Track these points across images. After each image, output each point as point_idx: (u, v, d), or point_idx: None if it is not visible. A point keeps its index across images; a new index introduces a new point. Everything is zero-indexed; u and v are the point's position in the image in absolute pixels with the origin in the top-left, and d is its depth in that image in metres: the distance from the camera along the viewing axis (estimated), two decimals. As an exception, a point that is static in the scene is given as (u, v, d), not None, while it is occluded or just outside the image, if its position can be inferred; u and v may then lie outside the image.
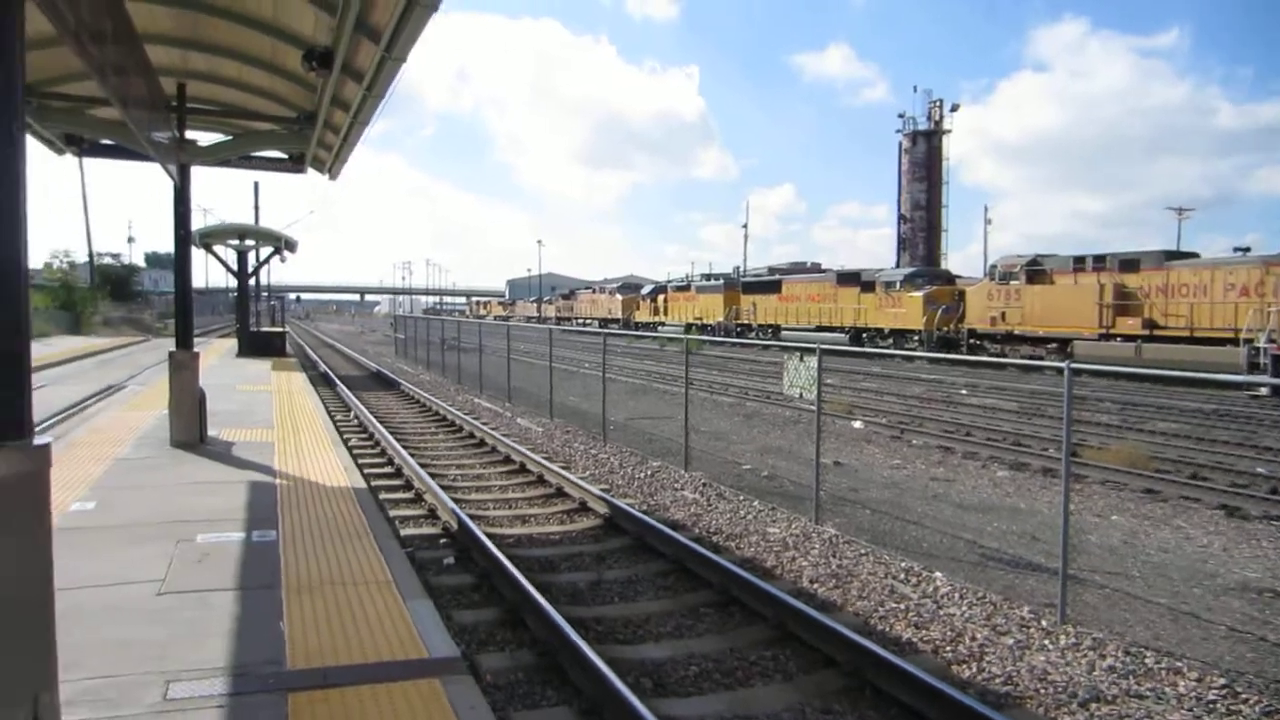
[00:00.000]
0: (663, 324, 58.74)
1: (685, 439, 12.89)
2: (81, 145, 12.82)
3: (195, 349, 12.12)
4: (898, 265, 62.94)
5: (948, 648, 6.37)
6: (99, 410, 16.03)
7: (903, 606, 7.18)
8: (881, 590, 7.56)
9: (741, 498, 10.88)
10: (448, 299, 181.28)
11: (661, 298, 60.99)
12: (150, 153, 9.84)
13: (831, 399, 20.13)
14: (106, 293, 63.77)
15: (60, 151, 13.03)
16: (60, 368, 26.23)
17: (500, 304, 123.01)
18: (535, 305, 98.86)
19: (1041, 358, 30.51)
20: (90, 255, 66.16)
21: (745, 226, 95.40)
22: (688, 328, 52.97)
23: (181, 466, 10.16)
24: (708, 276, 67.32)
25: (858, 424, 17.55)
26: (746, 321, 49.90)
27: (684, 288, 60.60)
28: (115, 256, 77.03)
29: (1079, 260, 31.11)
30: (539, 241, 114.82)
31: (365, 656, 4.93)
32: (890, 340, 38.68)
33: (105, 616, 5.37)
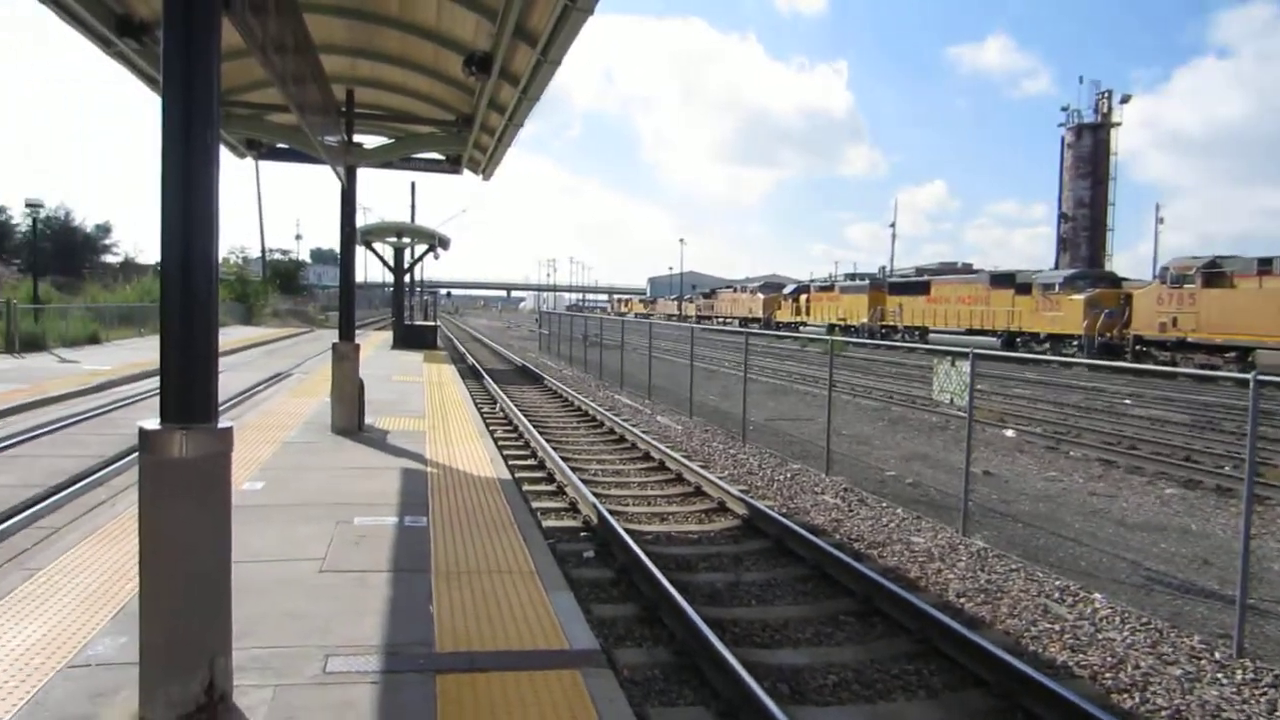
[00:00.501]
0: (804, 324, 57.98)
1: (827, 442, 12.70)
2: (260, 149, 13.74)
3: (355, 341, 12.80)
4: (1057, 266, 60.04)
5: (1107, 674, 6.05)
6: (268, 396, 17.11)
7: (1057, 627, 6.86)
8: (1034, 609, 7.26)
9: (884, 505, 10.64)
10: (590, 296, 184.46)
11: (804, 297, 60.22)
12: (322, 155, 10.43)
13: (981, 405, 19.43)
14: (276, 286, 67.95)
15: (242, 155, 13.99)
16: (234, 356, 28.12)
17: (641, 302, 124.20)
18: (676, 303, 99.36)
19: (1217, 367, 28.52)
20: (263, 252, 70.86)
21: (893, 225, 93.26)
22: (830, 328, 52.11)
23: (341, 452, 10.73)
24: (852, 276, 66.04)
25: (1010, 432, 16.87)
26: (892, 323, 48.68)
27: (827, 287, 59.63)
28: (285, 253, 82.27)
29: (1265, 262, 28.85)
30: (681, 240, 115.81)
31: (509, 644, 5.09)
32: (1046, 345, 36.99)
33: (273, 590, 5.74)
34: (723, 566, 8.24)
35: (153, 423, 3.73)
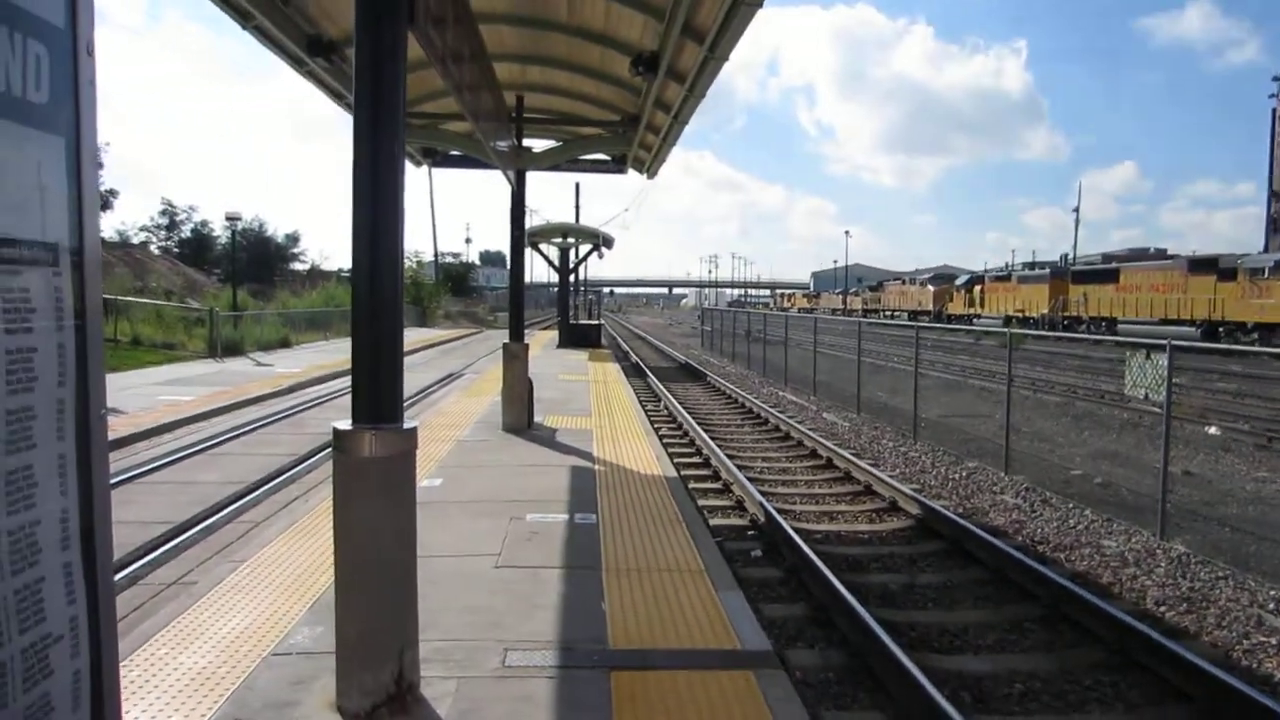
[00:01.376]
0: (978, 316, 55.72)
1: (1005, 439, 12.18)
2: (434, 157, 14.37)
3: (524, 341, 13.21)
4: (1266, 249, 55.28)
5: (1333, 695, 5.53)
6: (442, 396, 17.88)
7: (1274, 641, 6.33)
8: (1246, 620, 6.71)
9: (1070, 505, 10.11)
10: (752, 292, 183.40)
11: (978, 289, 57.87)
12: (493, 161, 10.81)
13: (1180, 400, 18.15)
14: (448, 288, 71.05)
15: (419, 164, 14.68)
16: (411, 357, 29.58)
17: (805, 296, 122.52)
18: (840, 298, 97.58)
19: None
20: (435, 255, 74.15)
21: (1076, 210, 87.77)
22: (1007, 320, 49.85)
23: (512, 449, 11.09)
24: (1030, 265, 62.97)
25: (1213, 429, 15.66)
26: (1075, 314, 46.09)
27: (1003, 277, 57.08)
28: (455, 256, 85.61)
29: None
30: (846, 232, 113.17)
31: (681, 642, 5.12)
32: (1255, 336, 34.13)
33: (454, 584, 5.99)
34: (896, 568, 8.03)
35: (344, 423, 3.95)
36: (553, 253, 31.41)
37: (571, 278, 36.93)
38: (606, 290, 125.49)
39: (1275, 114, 63.47)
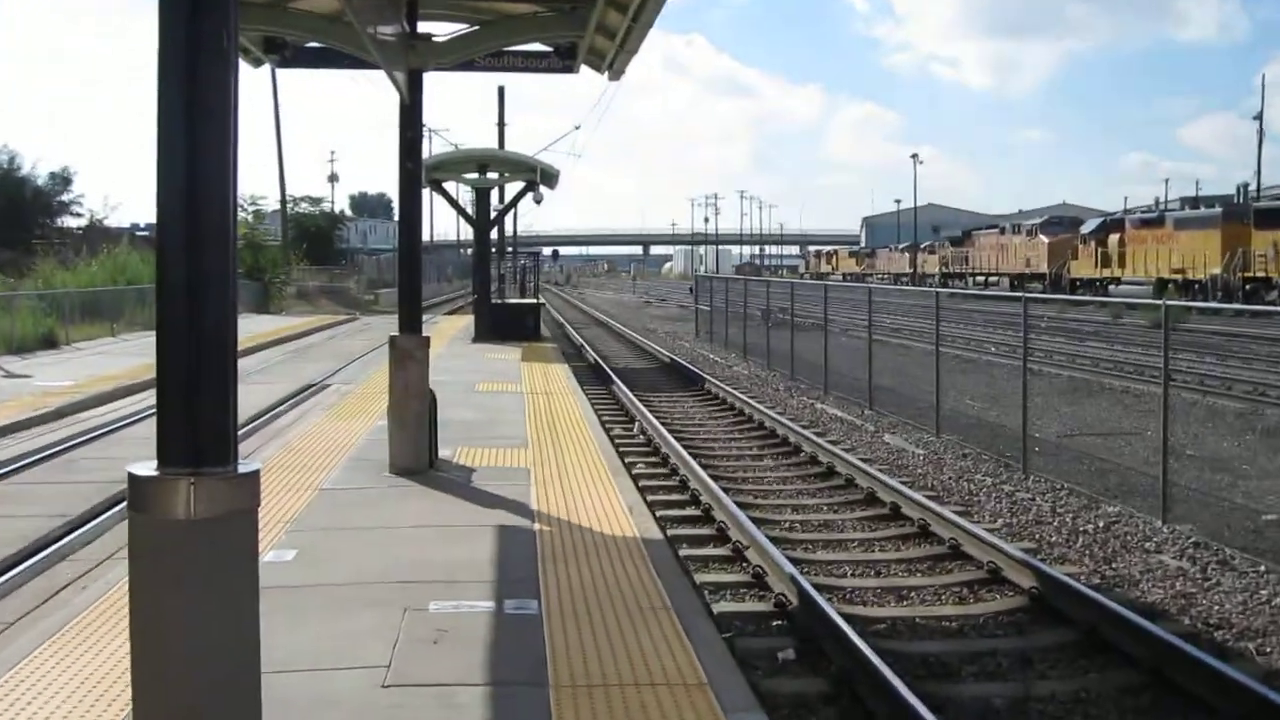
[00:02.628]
0: (1116, 280, 56.23)
1: (1163, 469, 12.28)
2: (282, 52, 14.27)
3: (425, 332, 13.19)
4: None
5: None
6: (294, 421, 17.82)
7: None
8: None
9: (1263, 569, 10.21)
10: (773, 249, 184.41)
11: (1114, 238, 58.38)
12: (373, 56, 10.76)
13: None
14: (302, 252, 70.50)
15: (258, 62, 14.59)
16: (247, 360, 29.41)
17: (852, 255, 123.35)
18: (908, 255, 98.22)
19: None
20: (283, 203, 73.00)
21: (1259, 118, 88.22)
22: (1160, 285, 50.34)
23: (406, 502, 11.04)
24: (1192, 201, 63.57)
25: None
26: (1264, 274, 46.61)
27: (1152, 220, 57.66)
28: (315, 202, 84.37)
29: None
30: (914, 156, 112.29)
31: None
32: None
33: (314, 717, 5.94)
34: (1002, 672, 8.07)
35: (146, 465, 3.90)
36: (465, 196, 31.49)
37: (495, 234, 36.86)
38: (548, 252, 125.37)
39: None
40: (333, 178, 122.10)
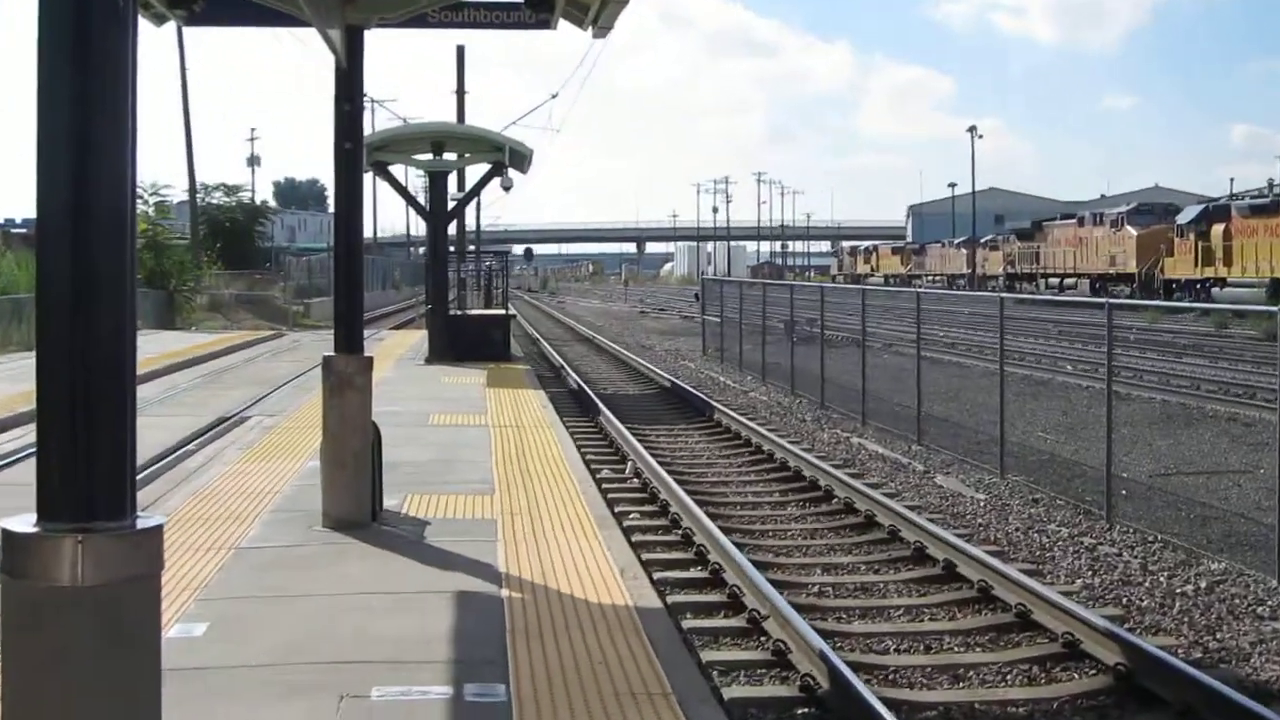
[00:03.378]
0: (1220, 281, 56.23)
1: (1279, 517, 12.30)
2: (192, 6, 14.24)
3: (366, 350, 13.17)
4: None
5: None
6: (206, 462, 17.76)
7: None
8: None
9: None
10: (798, 246, 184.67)
11: (1217, 229, 58.36)
12: (301, 8, 10.76)
13: None
14: (215, 254, 70.30)
15: (160, 19, 14.54)
16: (147, 387, 29.36)
17: (896, 252, 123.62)
18: (965, 252, 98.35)
19: None
20: (191, 191, 72.71)
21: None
22: (1275, 286, 50.35)
23: (344, 563, 10.99)
24: (1315, 185, 63.59)
25: None
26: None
27: (1265, 208, 57.61)
28: (231, 191, 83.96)
29: None
30: (971, 129, 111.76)
31: None
32: None
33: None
34: (1081, 770, 8.06)
35: (23, 521, 3.90)
36: (417, 183, 31.68)
37: (454, 229, 36.88)
38: (520, 251, 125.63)
39: None
40: (253, 161, 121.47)
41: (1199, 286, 57.65)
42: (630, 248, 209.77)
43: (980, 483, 17.34)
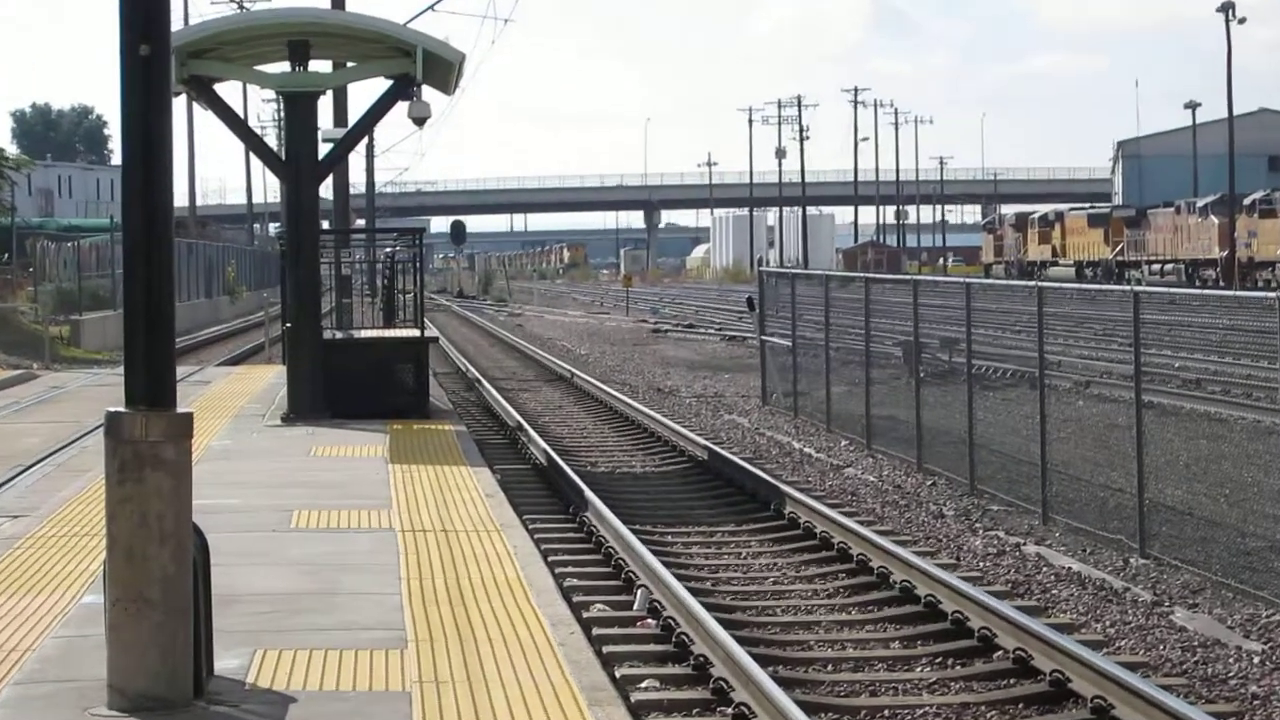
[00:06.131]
0: None
1: None
2: None
3: (182, 402, 13.10)
4: None
5: None
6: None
7: None
8: None
9: None
10: (923, 213, 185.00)
11: None
12: None
13: None
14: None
15: None
16: None
17: (1094, 222, 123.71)
18: (1216, 221, 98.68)
19: None
20: None
21: None
22: None
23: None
24: None
25: None
26: None
27: None
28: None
29: None
30: (1225, 8, 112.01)
31: None
32: None
33: None
34: None
35: None
36: (266, 112, 31.69)
37: (330, 189, 36.95)
38: (441, 227, 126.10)
39: None
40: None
41: None
42: (635, 219, 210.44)
43: (1253, 622, 17.28)
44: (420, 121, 32.10)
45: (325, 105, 32.23)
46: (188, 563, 12.50)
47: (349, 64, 31.46)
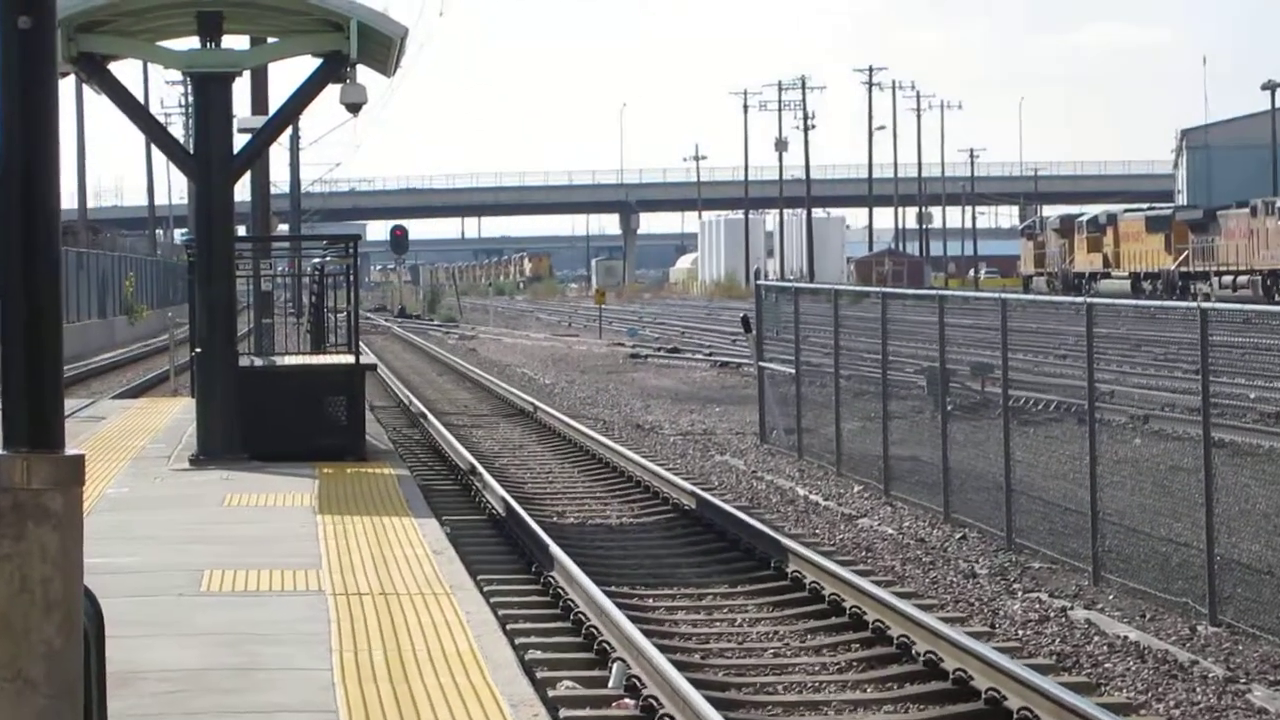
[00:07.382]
0: None
1: None
2: None
3: (72, 442, 13.05)
4: None
5: None
6: None
7: None
8: None
9: None
10: (950, 215, 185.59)
11: None
12: None
13: None
14: None
15: None
16: None
17: (1153, 226, 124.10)
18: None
19: None
20: None
21: None
22: None
23: None
24: None
25: None
26: None
27: None
28: None
29: None
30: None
31: None
32: None
33: None
34: None
35: None
36: (171, 96, 31.69)
37: (248, 188, 37.05)
38: (379, 234, 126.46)
39: None
40: None
41: None
42: (610, 223, 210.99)
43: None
44: (355, 108, 32.09)
45: (242, 89, 32.18)
46: (77, 635, 12.42)
47: (270, 40, 31.49)
